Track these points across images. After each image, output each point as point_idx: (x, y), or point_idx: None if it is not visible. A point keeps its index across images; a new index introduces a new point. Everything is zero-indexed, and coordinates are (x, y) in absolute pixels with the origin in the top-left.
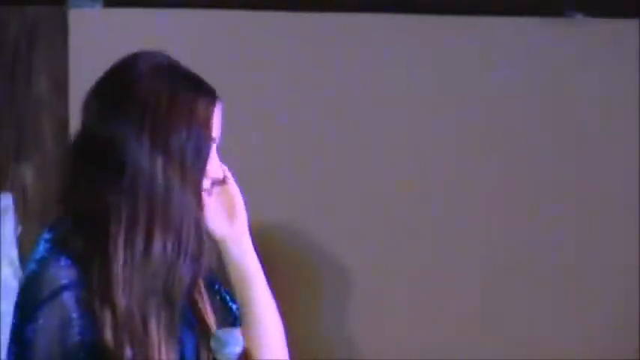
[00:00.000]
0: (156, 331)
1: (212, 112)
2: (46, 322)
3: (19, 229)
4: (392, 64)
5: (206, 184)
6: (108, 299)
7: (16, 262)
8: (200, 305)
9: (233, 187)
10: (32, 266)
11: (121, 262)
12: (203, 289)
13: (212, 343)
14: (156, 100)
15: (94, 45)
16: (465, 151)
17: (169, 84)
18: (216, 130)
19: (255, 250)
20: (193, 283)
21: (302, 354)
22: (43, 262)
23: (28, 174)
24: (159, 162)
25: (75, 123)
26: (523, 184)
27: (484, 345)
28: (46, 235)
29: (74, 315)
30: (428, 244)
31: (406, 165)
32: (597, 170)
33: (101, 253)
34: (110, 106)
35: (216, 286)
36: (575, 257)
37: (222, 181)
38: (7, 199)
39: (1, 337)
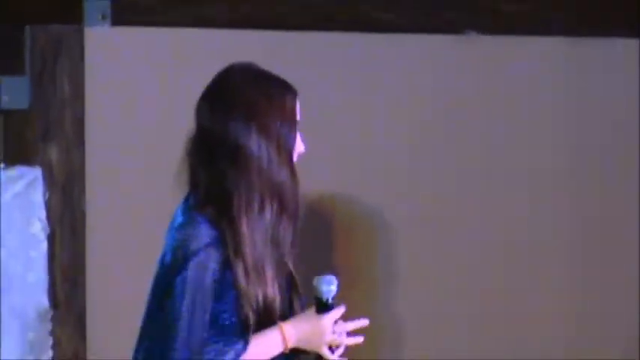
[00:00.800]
0: (270, 274)
1: (295, 103)
2: (192, 273)
3: (46, 195)
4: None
5: (295, 157)
6: (239, 252)
7: (45, 221)
8: (289, 263)
9: None
10: (178, 232)
11: (244, 223)
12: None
13: (315, 283)
14: (256, 100)
15: (104, 56)
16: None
17: (264, 87)
18: (298, 116)
19: None
20: (294, 236)
21: None
22: (186, 229)
23: (53, 152)
24: (263, 145)
25: (89, 117)
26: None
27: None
28: (183, 208)
29: (213, 266)
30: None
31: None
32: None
33: (228, 217)
34: (221, 107)
35: None
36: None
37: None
38: (38, 172)
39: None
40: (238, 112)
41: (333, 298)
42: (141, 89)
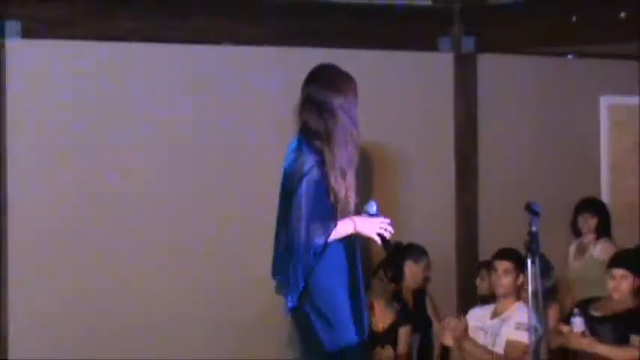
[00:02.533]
0: (350, 181)
1: (356, 87)
2: (308, 185)
3: None
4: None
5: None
6: (334, 167)
7: None
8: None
9: None
10: (292, 157)
11: (336, 152)
12: None
13: (365, 206)
14: (342, 83)
15: (18, 62)
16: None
17: (345, 77)
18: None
19: None
20: (357, 160)
21: None
22: (300, 154)
23: None
24: (347, 108)
25: (10, 113)
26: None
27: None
28: (297, 141)
29: (318, 178)
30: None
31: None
32: None
33: (329, 147)
34: (325, 84)
35: None
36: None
37: None
38: None
39: None
40: (334, 88)
41: (376, 213)
42: (50, 90)
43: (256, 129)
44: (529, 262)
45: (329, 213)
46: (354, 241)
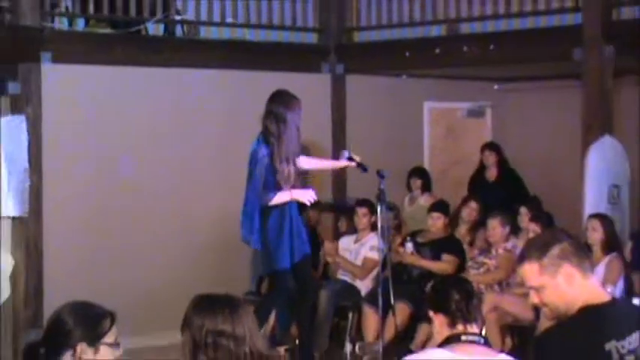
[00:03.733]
0: (292, 165)
1: (300, 105)
2: (259, 166)
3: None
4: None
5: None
6: (280, 156)
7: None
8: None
9: None
10: (254, 149)
11: (283, 147)
12: None
13: (340, 152)
14: (292, 104)
15: (54, 87)
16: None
17: (291, 97)
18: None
19: None
20: (298, 152)
21: None
22: (257, 148)
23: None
24: (292, 122)
25: (45, 122)
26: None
27: None
28: (257, 139)
29: (267, 163)
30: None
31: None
32: None
33: (277, 142)
34: (280, 104)
35: None
36: None
37: None
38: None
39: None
40: (286, 106)
41: (349, 157)
42: (93, 119)
43: (216, 132)
44: (378, 207)
45: (273, 186)
46: (291, 204)
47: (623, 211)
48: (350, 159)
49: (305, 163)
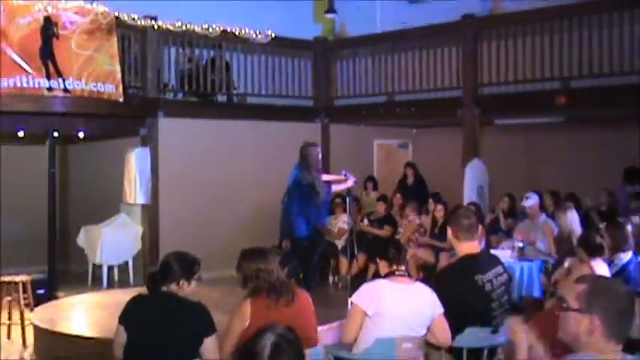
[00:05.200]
0: (321, 185)
1: (317, 150)
2: (302, 189)
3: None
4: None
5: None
6: (310, 178)
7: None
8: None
9: None
10: (296, 173)
11: (312, 172)
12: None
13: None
14: (314, 147)
15: (165, 131)
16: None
17: (314, 144)
18: (319, 155)
19: None
20: (323, 191)
21: None
22: (299, 173)
23: None
24: (316, 158)
25: (160, 151)
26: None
27: None
28: (296, 168)
29: (308, 182)
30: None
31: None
32: None
33: (308, 170)
34: (309, 146)
35: None
36: None
37: None
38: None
39: None
40: (312, 147)
41: (346, 175)
42: (185, 148)
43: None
44: (348, 199)
45: (310, 202)
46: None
47: (485, 200)
48: (346, 175)
49: (324, 177)
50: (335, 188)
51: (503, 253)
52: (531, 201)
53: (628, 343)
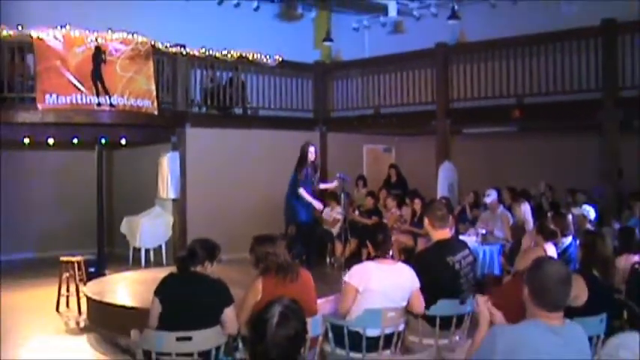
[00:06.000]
0: (309, 187)
1: (309, 148)
2: (295, 185)
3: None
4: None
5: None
6: (315, 172)
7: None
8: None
9: None
10: (293, 174)
11: (299, 171)
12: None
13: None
14: (310, 146)
15: (191, 139)
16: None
17: (310, 144)
18: (312, 153)
19: None
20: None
21: None
22: (293, 175)
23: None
24: (313, 155)
25: (188, 154)
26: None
27: None
28: (293, 174)
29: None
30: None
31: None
32: None
33: (298, 169)
34: (306, 145)
35: None
36: None
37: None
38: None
39: None
40: (309, 146)
41: (341, 177)
42: (208, 153)
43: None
44: (342, 194)
45: (306, 186)
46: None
47: (454, 195)
48: (341, 176)
49: (322, 185)
50: (326, 186)
51: (469, 239)
52: (491, 197)
53: (568, 310)
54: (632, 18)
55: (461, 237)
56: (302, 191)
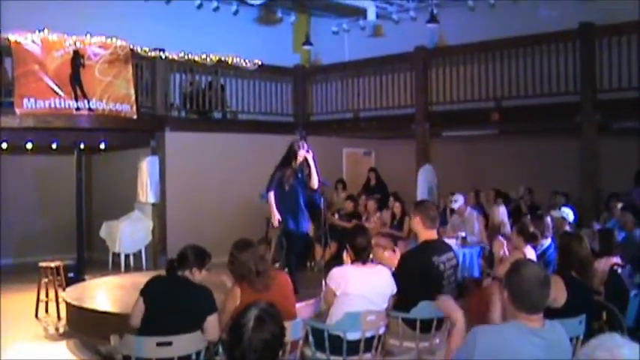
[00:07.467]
0: (289, 183)
1: (297, 148)
2: (273, 186)
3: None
4: None
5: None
6: (280, 174)
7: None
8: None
9: None
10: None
11: (278, 170)
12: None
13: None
14: (296, 146)
15: (171, 143)
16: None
17: (297, 144)
18: (301, 152)
19: None
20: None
21: None
22: (274, 172)
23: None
24: (299, 155)
25: (167, 159)
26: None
27: None
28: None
29: (279, 178)
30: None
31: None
32: None
33: (279, 169)
34: (292, 145)
35: None
36: None
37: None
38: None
39: None
40: (296, 147)
41: (324, 182)
42: (188, 157)
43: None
44: (321, 198)
45: (284, 198)
46: (300, 197)
47: (434, 198)
48: (322, 182)
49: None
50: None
51: (450, 241)
52: (458, 203)
53: (547, 311)
54: (609, 21)
55: (446, 240)
56: (270, 195)
